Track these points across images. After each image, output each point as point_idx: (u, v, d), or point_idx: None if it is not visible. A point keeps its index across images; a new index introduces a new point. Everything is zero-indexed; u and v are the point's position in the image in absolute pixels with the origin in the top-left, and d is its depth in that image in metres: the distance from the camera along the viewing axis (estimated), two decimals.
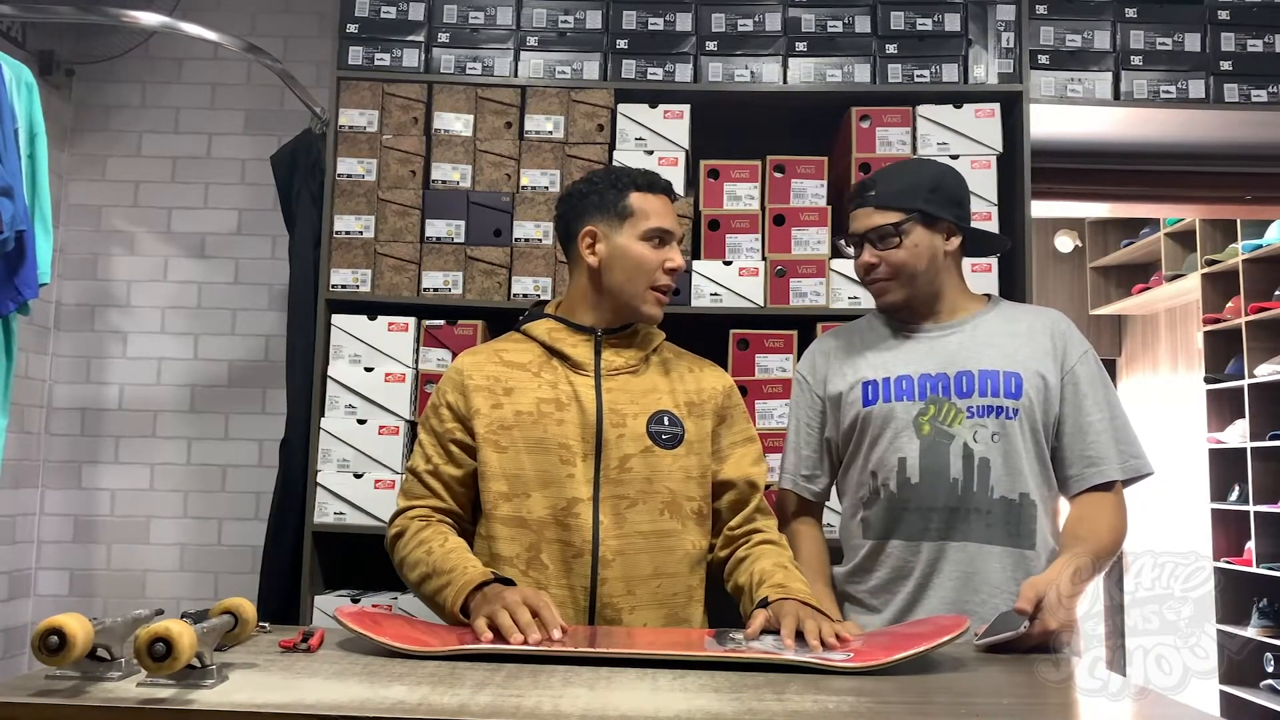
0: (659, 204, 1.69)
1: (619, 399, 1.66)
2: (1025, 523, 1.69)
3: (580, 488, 1.61)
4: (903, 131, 2.53)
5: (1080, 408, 1.72)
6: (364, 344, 2.50)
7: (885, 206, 1.73)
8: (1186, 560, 1.76)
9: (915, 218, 1.73)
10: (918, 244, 1.73)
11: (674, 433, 1.66)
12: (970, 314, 1.80)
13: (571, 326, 1.71)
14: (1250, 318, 4.67)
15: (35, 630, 1.05)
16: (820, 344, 1.90)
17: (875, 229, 1.74)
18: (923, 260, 1.73)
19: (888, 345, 1.80)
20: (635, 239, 1.67)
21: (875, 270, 1.76)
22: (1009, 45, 2.59)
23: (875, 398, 1.75)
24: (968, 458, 1.69)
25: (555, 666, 1.22)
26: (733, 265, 2.49)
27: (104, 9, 2.61)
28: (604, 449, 1.63)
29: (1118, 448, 1.72)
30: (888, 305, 1.79)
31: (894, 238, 1.73)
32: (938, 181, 1.77)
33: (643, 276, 1.67)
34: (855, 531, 1.78)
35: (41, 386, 3.05)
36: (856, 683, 1.19)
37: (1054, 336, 1.76)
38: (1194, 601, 1.73)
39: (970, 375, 1.72)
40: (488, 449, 1.63)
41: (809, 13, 2.61)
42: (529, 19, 2.64)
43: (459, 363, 1.73)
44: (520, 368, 1.68)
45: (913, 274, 1.74)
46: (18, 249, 2.19)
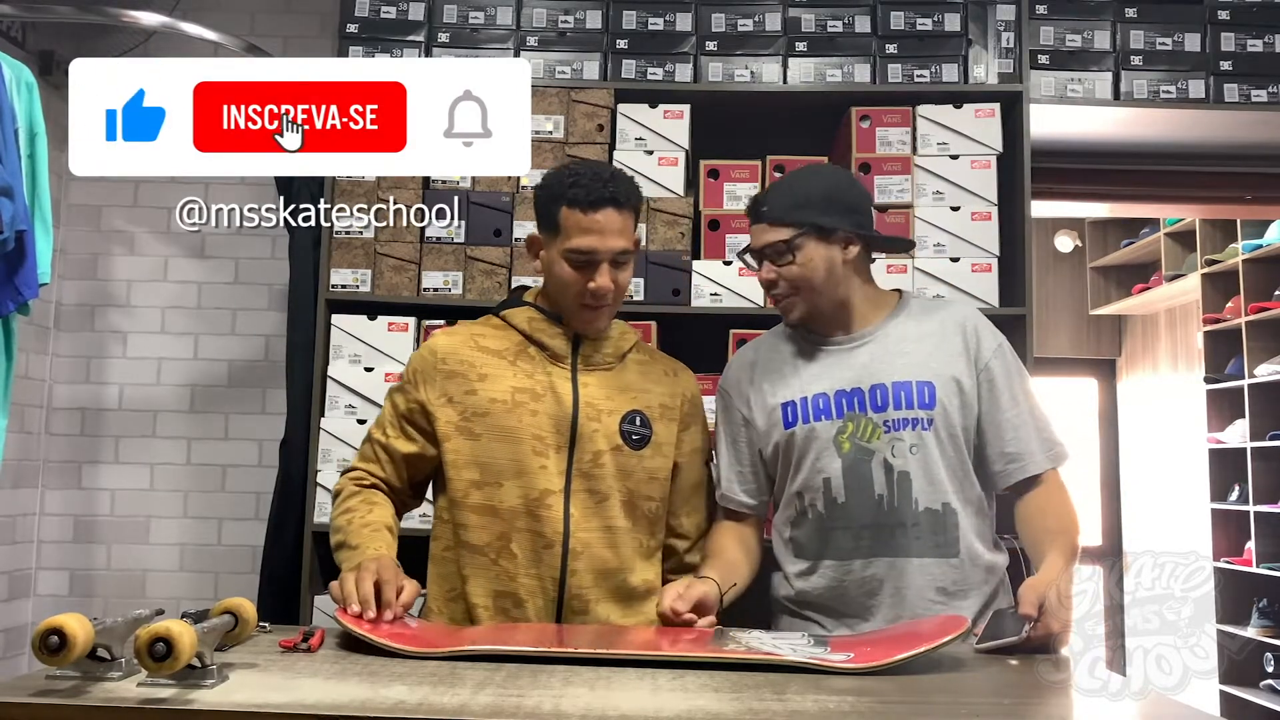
0: (586, 222, 1.60)
1: (595, 394, 1.67)
2: (949, 531, 1.68)
3: (553, 479, 1.62)
4: (903, 131, 2.53)
5: (997, 405, 1.71)
6: (364, 344, 2.50)
7: (777, 222, 1.69)
8: (1186, 560, 1.76)
9: (807, 231, 1.68)
10: (812, 258, 1.68)
11: (644, 434, 1.68)
12: (879, 321, 1.76)
13: (550, 317, 1.70)
14: (1250, 318, 4.66)
15: (35, 630, 1.05)
16: (739, 359, 1.86)
17: (769, 245, 1.70)
18: (819, 273, 1.69)
19: (802, 361, 1.77)
20: (560, 256, 1.63)
21: (775, 287, 1.72)
22: (1009, 45, 2.59)
23: (795, 419, 1.72)
24: (889, 472, 1.68)
25: (555, 666, 1.22)
26: (733, 265, 2.49)
27: (104, 9, 2.61)
28: (578, 442, 1.64)
29: (1040, 438, 1.71)
30: (794, 321, 1.76)
31: (787, 255, 1.68)
32: (829, 191, 1.72)
33: (568, 293, 1.65)
34: (786, 551, 1.77)
35: (41, 386, 3.05)
36: (856, 683, 1.19)
37: (965, 334, 1.74)
38: (1194, 601, 1.73)
39: (884, 388, 1.69)
40: (459, 436, 1.65)
41: (809, 13, 2.61)
42: (529, 19, 2.63)
43: (436, 344, 1.72)
44: (496, 355, 1.69)
45: (812, 288, 1.70)
46: (18, 249, 2.19)
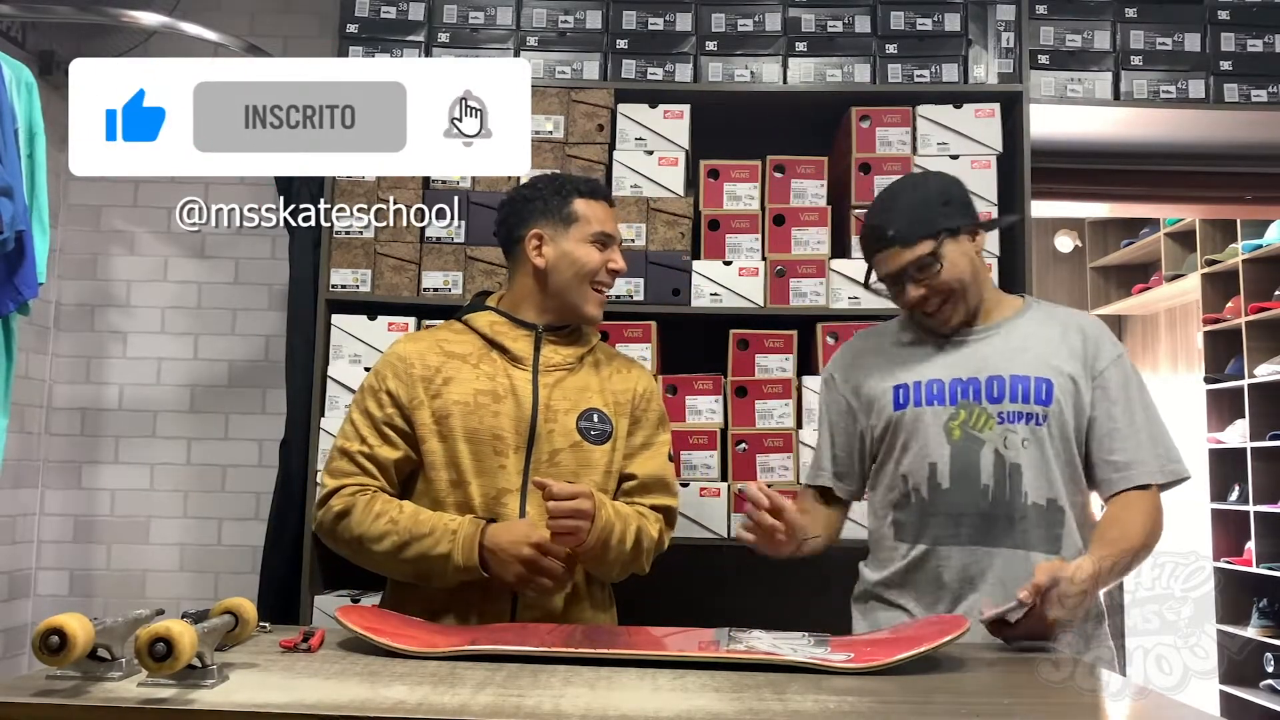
0: (601, 210, 1.79)
1: (553, 395, 1.72)
2: (1054, 528, 1.69)
3: (511, 478, 1.67)
4: (903, 131, 2.53)
5: (1110, 413, 1.71)
6: (364, 344, 2.50)
7: (913, 240, 1.71)
8: (1186, 560, 1.75)
9: (943, 237, 1.71)
10: (956, 261, 1.72)
11: (603, 429, 1.73)
12: (1006, 317, 1.79)
13: (513, 321, 1.77)
14: (1250, 318, 4.66)
15: (36, 630, 1.05)
16: (851, 345, 1.91)
17: (913, 263, 1.71)
18: (966, 273, 1.73)
19: (920, 349, 1.79)
20: (580, 242, 1.76)
21: (926, 302, 1.74)
22: (1009, 45, 2.59)
23: (906, 402, 1.75)
24: (999, 463, 1.69)
25: (556, 666, 1.22)
26: (733, 265, 2.49)
27: (104, 9, 2.61)
28: (535, 442, 1.68)
29: (1153, 451, 1.71)
30: (954, 327, 1.77)
31: (934, 265, 1.71)
32: (940, 195, 1.76)
33: (587, 276, 1.76)
34: (886, 534, 1.78)
35: (41, 386, 3.05)
36: (857, 683, 1.19)
37: (1085, 339, 1.75)
38: (1194, 601, 1.73)
39: (1001, 380, 1.71)
40: (432, 439, 1.69)
41: (809, 13, 2.61)
42: (529, 19, 2.64)
43: (401, 349, 1.76)
44: (460, 358, 1.73)
45: (964, 289, 1.73)
46: (17, 249, 2.19)
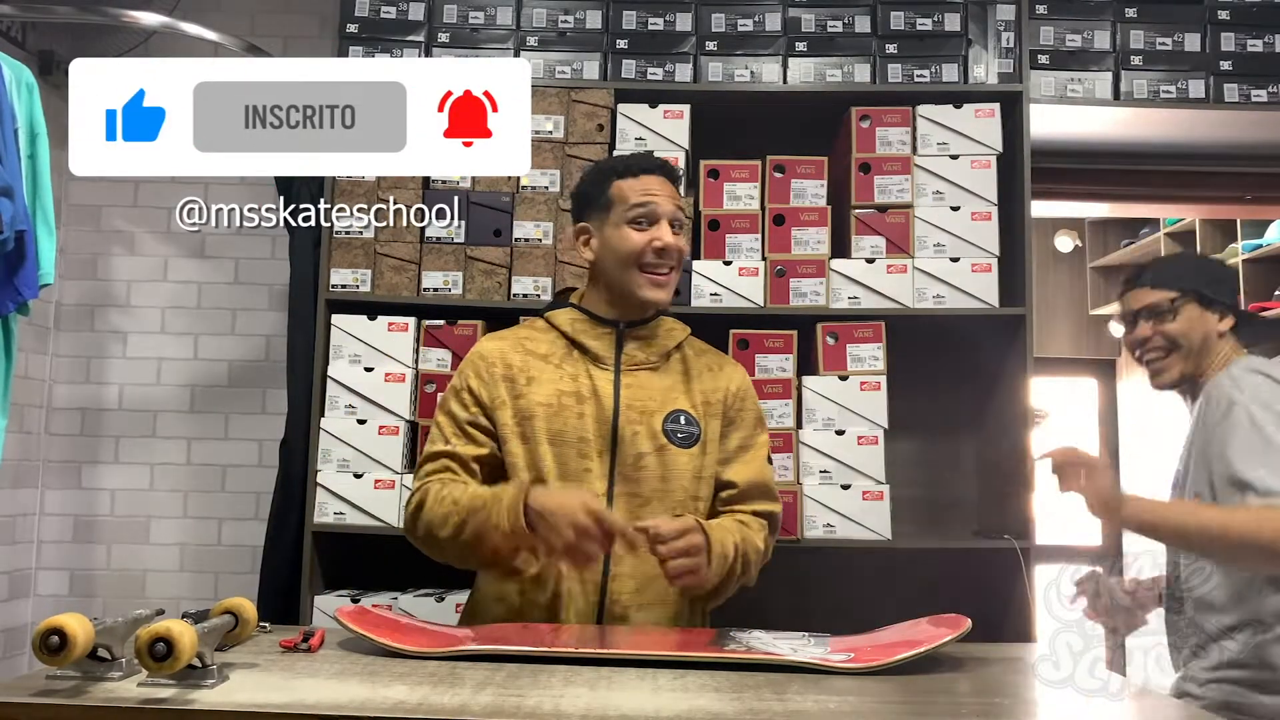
0: (640, 184, 1.67)
1: (637, 395, 1.66)
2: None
3: (596, 483, 1.61)
4: (903, 131, 2.53)
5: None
6: (364, 344, 2.50)
7: (1161, 286, 1.82)
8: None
9: (1190, 296, 1.79)
10: (1191, 321, 1.78)
11: (690, 432, 1.66)
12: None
13: (594, 319, 1.71)
14: None
15: (36, 630, 1.05)
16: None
17: (1150, 305, 1.81)
18: (1195, 337, 1.78)
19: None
20: (617, 226, 1.67)
21: (1150, 343, 1.81)
22: (1009, 45, 2.59)
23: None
24: None
25: (556, 666, 1.22)
26: (733, 265, 2.49)
27: (104, 9, 2.61)
28: (619, 445, 1.63)
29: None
30: (1164, 385, 1.84)
31: (1168, 314, 1.79)
32: (1209, 268, 1.88)
33: (631, 261, 1.65)
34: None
35: (41, 386, 3.05)
36: (857, 683, 1.19)
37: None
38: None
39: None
40: (514, 440, 1.64)
41: (809, 13, 2.61)
42: (529, 19, 2.64)
43: (483, 348, 1.71)
44: (542, 358, 1.68)
45: (1189, 348, 1.78)
46: (18, 249, 2.19)
